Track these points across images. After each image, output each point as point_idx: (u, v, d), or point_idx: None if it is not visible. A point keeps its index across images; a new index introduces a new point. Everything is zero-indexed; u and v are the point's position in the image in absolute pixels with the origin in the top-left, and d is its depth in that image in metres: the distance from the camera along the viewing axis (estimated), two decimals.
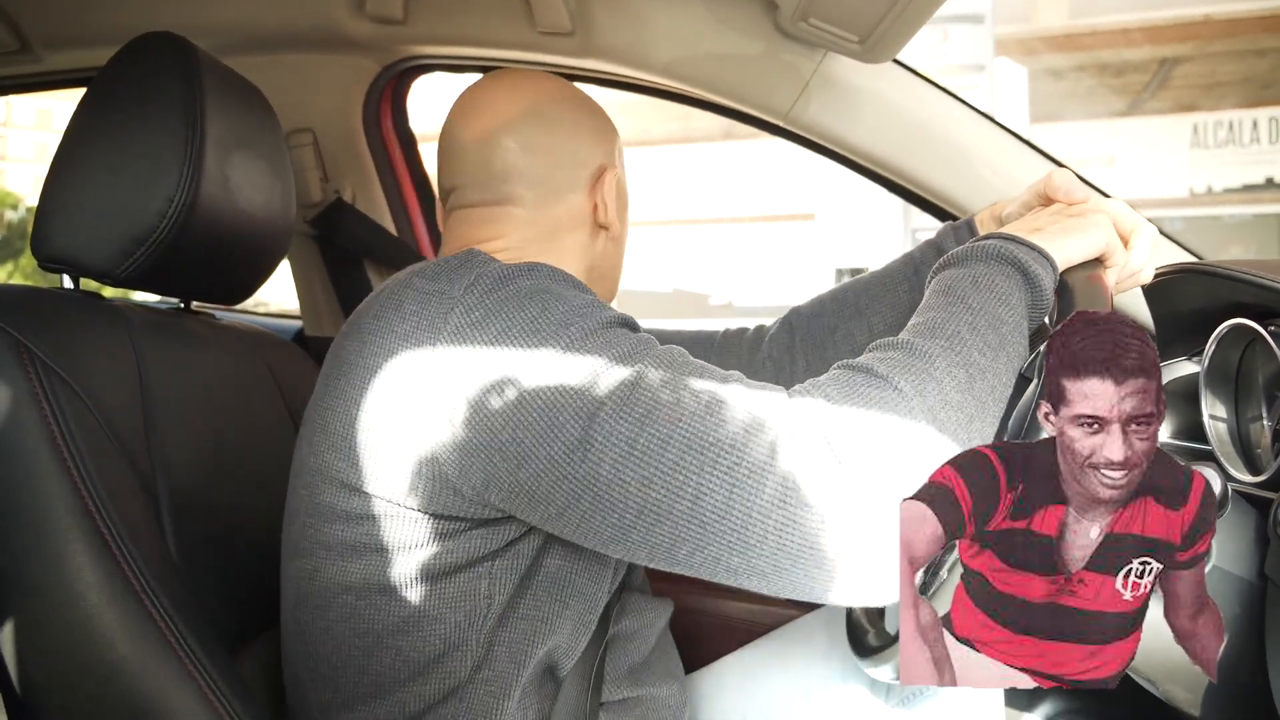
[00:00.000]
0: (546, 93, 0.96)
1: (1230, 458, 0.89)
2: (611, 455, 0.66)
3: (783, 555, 0.64)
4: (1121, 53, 9.01)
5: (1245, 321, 0.85)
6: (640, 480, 0.65)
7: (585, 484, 0.67)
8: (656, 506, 0.65)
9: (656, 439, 0.65)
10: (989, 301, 0.72)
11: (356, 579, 0.78)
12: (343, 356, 0.79)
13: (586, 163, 0.96)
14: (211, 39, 1.33)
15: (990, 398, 0.69)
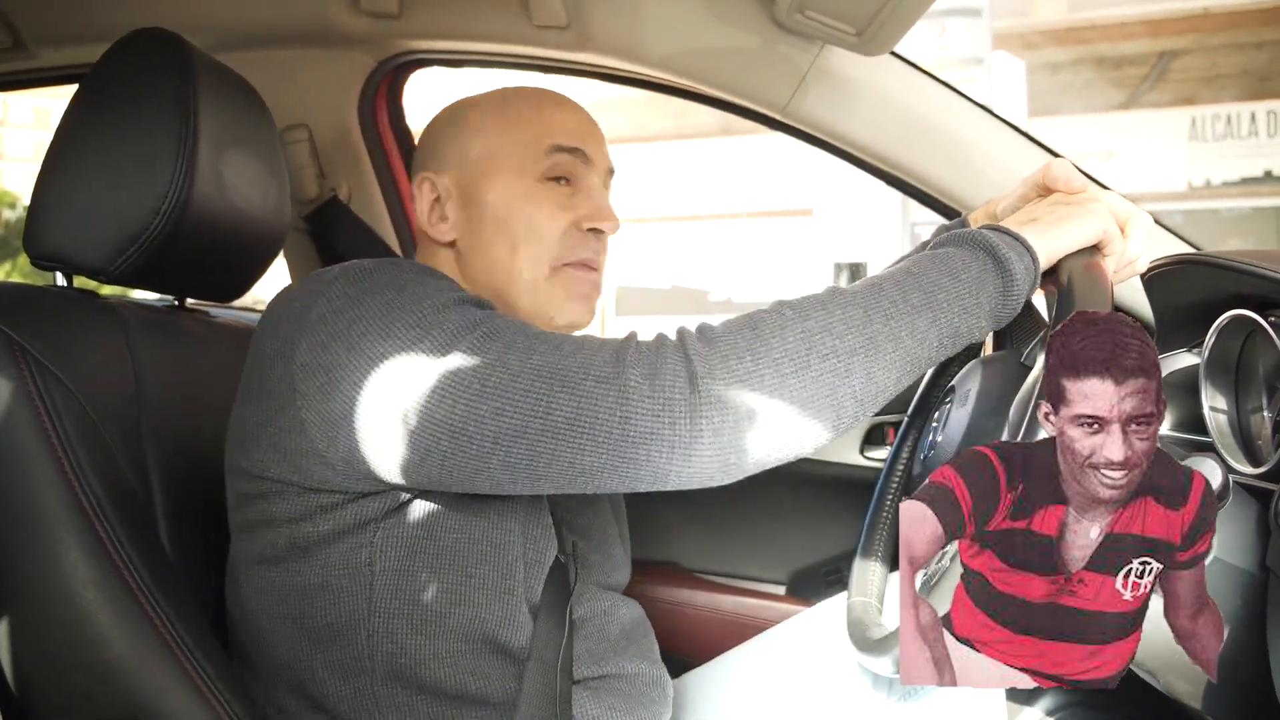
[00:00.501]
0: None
1: (1231, 449, 0.89)
2: (466, 396, 0.71)
3: (628, 445, 0.69)
4: (1119, 46, 9.00)
5: (1245, 313, 0.84)
6: (494, 411, 0.71)
7: (443, 426, 0.72)
8: (511, 430, 0.70)
9: (507, 375, 0.71)
10: (934, 270, 0.74)
11: (253, 554, 0.84)
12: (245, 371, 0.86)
13: (419, 171, 0.99)
14: (207, 35, 1.32)
15: (890, 345, 0.71)
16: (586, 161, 0.97)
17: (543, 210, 0.94)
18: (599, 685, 0.90)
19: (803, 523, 1.53)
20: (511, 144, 0.95)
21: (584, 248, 0.96)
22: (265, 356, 0.81)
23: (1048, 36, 9.12)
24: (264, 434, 0.80)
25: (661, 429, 0.68)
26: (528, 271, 0.94)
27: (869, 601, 0.96)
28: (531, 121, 0.96)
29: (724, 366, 0.69)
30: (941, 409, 0.89)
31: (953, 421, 0.85)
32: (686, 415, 0.68)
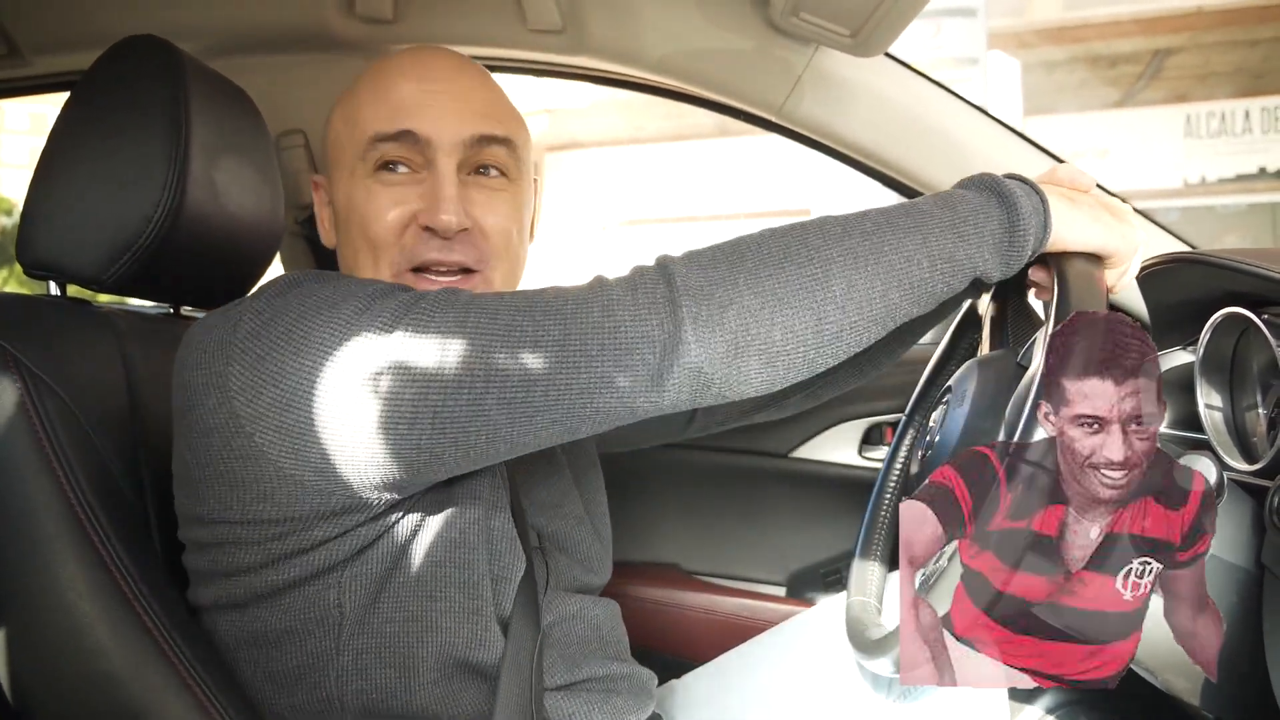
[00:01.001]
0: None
1: (1226, 446, 0.89)
2: (449, 342, 0.68)
3: (620, 352, 0.67)
4: (1114, 44, 9.01)
5: (1239, 310, 0.85)
6: (481, 349, 0.68)
7: (431, 380, 0.68)
8: (502, 364, 0.68)
9: (485, 314, 0.69)
10: (927, 202, 0.74)
11: (210, 599, 0.80)
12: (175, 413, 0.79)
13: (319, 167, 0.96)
14: (202, 41, 1.32)
15: (872, 256, 0.70)
16: (420, 142, 0.85)
17: (372, 207, 0.85)
18: (574, 690, 0.90)
19: (801, 523, 1.53)
20: (346, 134, 0.88)
21: (424, 248, 0.85)
22: (194, 391, 0.74)
23: (1043, 35, 9.13)
24: (214, 474, 0.74)
25: (649, 330, 0.67)
26: (384, 278, 0.85)
27: (868, 601, 0.96)
28: (365, 105, 0.87)
29: (700, 271, 0.69)
30: (939, 409, 0.90)
31: (950, 421, 0.85)
32: (669, 310, 0.67)
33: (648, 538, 1.54)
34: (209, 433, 0.73)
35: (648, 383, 0.68)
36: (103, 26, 1.32)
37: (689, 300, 0.67)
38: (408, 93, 0.86)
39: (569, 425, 0.71)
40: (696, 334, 0.67)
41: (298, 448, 0.71)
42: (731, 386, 0.69)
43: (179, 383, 0.77)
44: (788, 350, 0.69)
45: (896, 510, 1.01)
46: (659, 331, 0.67)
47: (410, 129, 0.84)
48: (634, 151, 10.81)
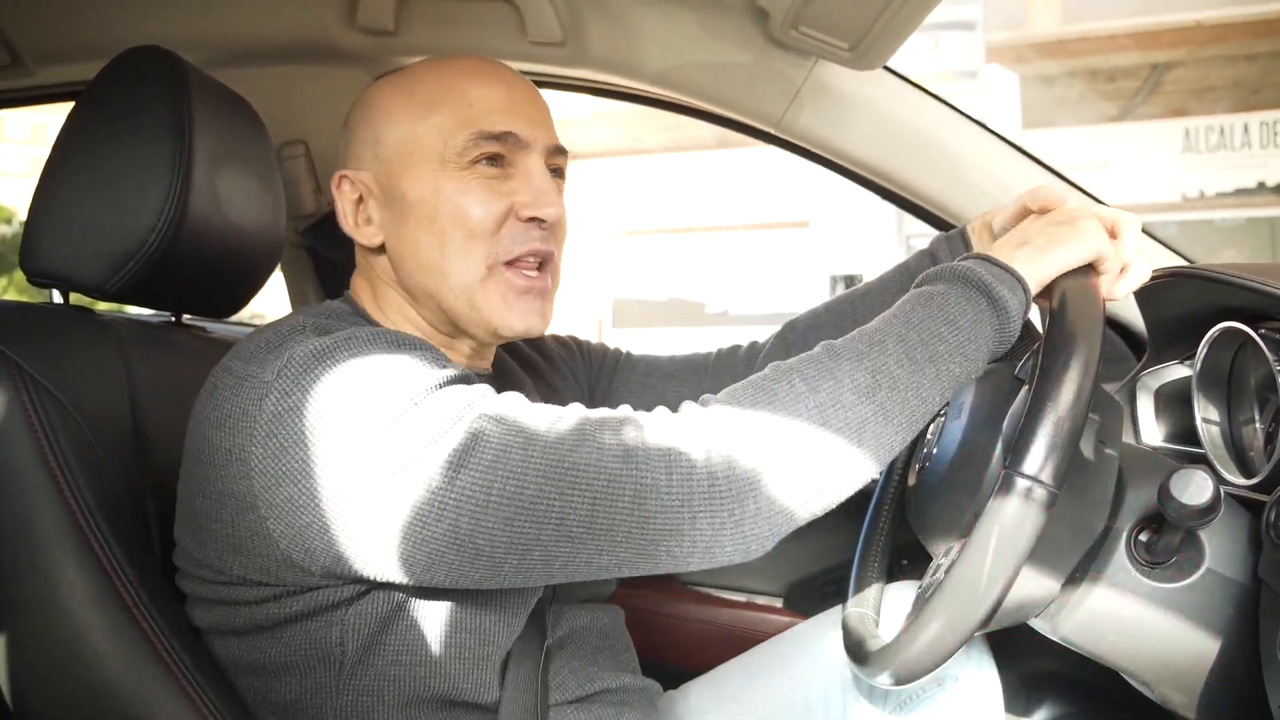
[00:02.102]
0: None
1: (1223, 461, 0.89)
2: (470, 508, 0.66)
3: (647, 543, 0.67)
4: (1112, 58, 9.04)
5: (1237, 325, 0.85)
6: (504, 520, 0.67)
7: (447, 541, 0.67)
8: (524, 538, 0.67)
9: (512, 480, 0.67)
10: (932, 319, 0.74)
11: (208, 623, 0.80)
12: (189, 442, 0.78)
13: (338, 169, 0.91)
14: (204, 52, 1.33)
15: (899, 409, 0.72)
16: (520, 144, 0.86)
17: (472, 198, 0.84)
18: (587, 704, 0.90)
19: (799, 535, 1.52)
20: (427, 131, 0.85)
21: (524, 238, 0.85)
22: (215, 451, 0.73)
23: (1041, 49, 9.15)
24: (222, 534, 0.74)
25: (682, 525, 0.67)
26: (460, 272, 0.84)
27: (866, 613, 0.96)
28: (446, 104, 0.85)
29: (743, 453, 0.68)
30: (936, 421, 0.90)
31: (947, 434, 0.85)
32: (707, 509, 0.67)
33: None
34: (225, 496, 0.73)
35: (672, 566, 0.70)
36: (106, 37, 1.33)
37: (731, 503, 0.67)
38: (503, 96, 0.87)
39: (583, 580, 0.73)
40: (736, 535, 0.68)
41: (308, 547, 0.71)
42: (757, 554, 0.71)
43: (199, 431, 0.75)
44: (817, 509, 0.72)
45: (894, 522, 1.02)
46: (693, 530, 0.67)
47: (513, 131, 0.86)
48: (634, 163, 10.83)
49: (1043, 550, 0.72)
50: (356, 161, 0.90)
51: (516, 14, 1.30)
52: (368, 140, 0.89)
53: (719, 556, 0.69)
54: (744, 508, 0.68)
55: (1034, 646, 0.95)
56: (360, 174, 0.89)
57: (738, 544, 0.69)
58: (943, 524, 0.82)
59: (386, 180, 0.87)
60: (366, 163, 0.89)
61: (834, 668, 1.00)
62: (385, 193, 0.87)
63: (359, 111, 0.92)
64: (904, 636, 0.72)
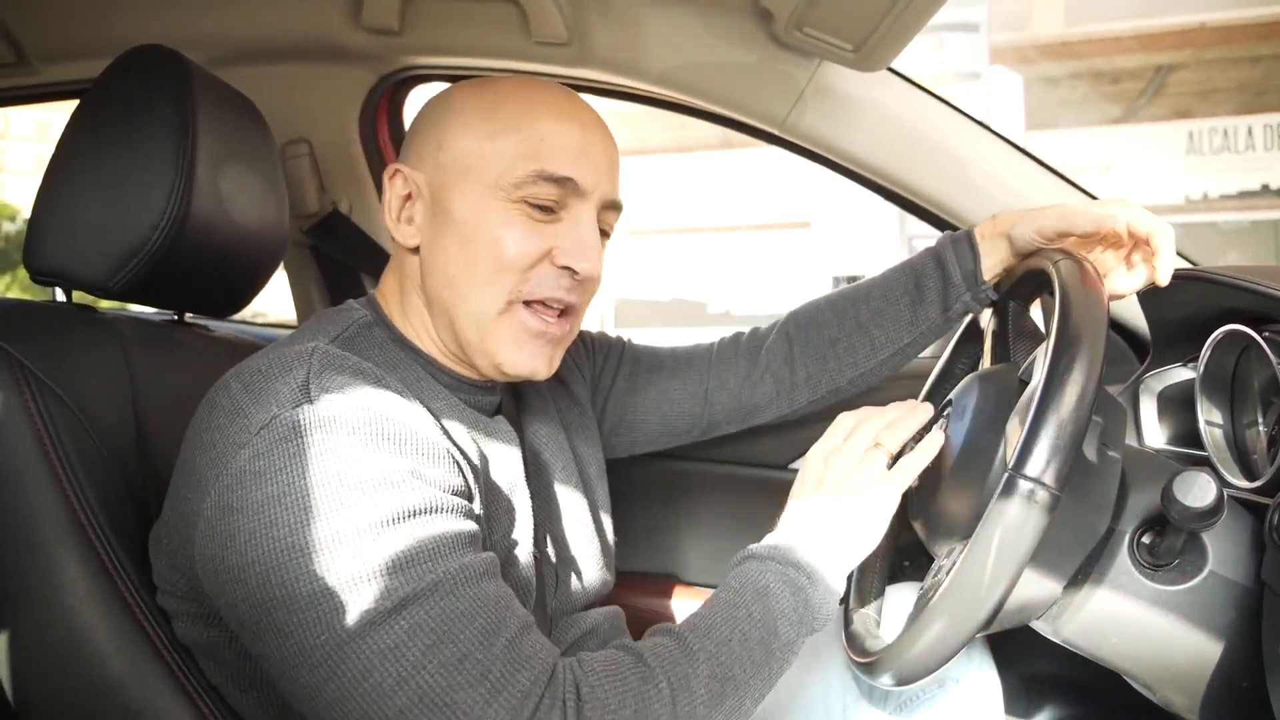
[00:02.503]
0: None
1: (1226, 463, 0.89)
2: (343, 681, 0.64)
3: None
4: (1116, 60, 9.04)
5: (1240, 327, 0.85)
6: (361, 715, 0.64)
7: (308, 692, 0.65)
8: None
9: (391, 677, 0.63)
10: (769, 616, 0.78)
11: (189, 640, 0.79)
12: (179, 459, 0.78)
13: (396, 161, 0.89)
14: (208, 51, 1.33)
15: (738, 710, 0.74)
16: (577, 191, 0.84)
17: (513, 231, 0.82)
18: None
19: None
20: (491, 153, 0.83)
21: (553, 284, 0.84)
22: (193, 472, 0.72)
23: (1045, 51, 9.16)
24: (171, 546, 0.76)
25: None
26: (480, 300, 0.83)
27: (867, 613, 0.96)
28: (520, 132, 0.83)
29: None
30: (940, 422, 0.90)
31: (951, 435, 0.85)
32: None
33: (646, 548, 1.54)
34: (182, 515, 0.73)
35: None
36: (111, 36, 1.33)
37: None
38: (574, 138, 0.84)
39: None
40: None
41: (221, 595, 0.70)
42: None
43: (191, 441, 0.74)
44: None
45: (896, 523, 1.02)
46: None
47: (574, 178, 0.83)
48: (637, 163, 10.84)
49: (1045, 552, 0.72)
50: (416, 159, 0.87)
51: (521, 14, 1.30)
52: (432, 142, 0.86)
53: None
54: None
55: (1036, 648, 0.95)
56: (416, 173, 0.86)
57: None
58: (945, 525, 0.82)
59: (439, 187, 0.85)
60: (425, 163, 0.86)
61: (834, 668, 1.00)
62: (434, 199, 0.85)
63: (432, 110, 0.88)
64: (905, 637, 0.72)
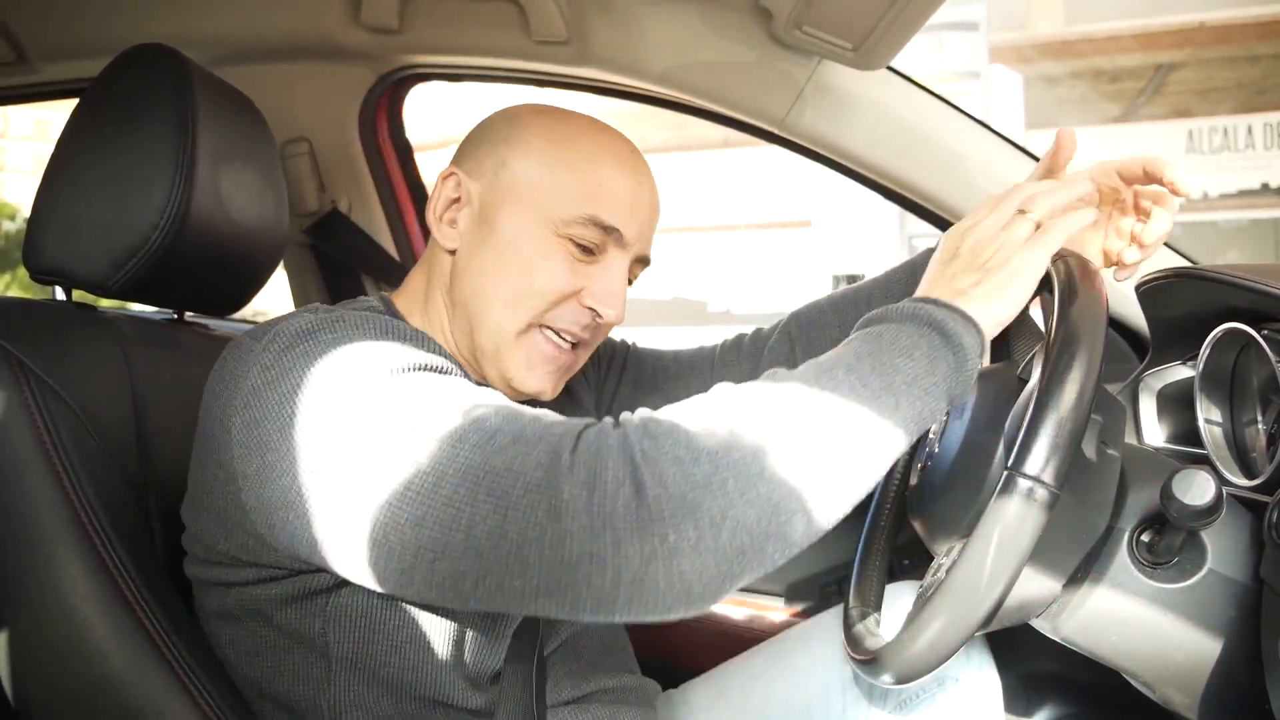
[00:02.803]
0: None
1: (1225, 462, 0.89)
2: (389, 502, 0.63)
3: (563, 569, 0.59)
4: (1116, 59, 9.04)
5: (1239, 326, 0.85)
6: (413, 521, 0.62)
7: (365, 534, 0.65)
8: (432, 543, 0.62)
9: (430, 478, 0.63)
10: (884, 350, 0.69)
11: (210, 608, 0.81)
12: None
13: (452, 163, 0.91)
14: (208, 50, 1.33)
15: (849, 438, 0.64)
16: (620, 242, 0.87)
17: (548, 266, 0.85)
18: (583, 704, 0.90)
19: None
20: (550, 185, 0.85)
21: (574, 319, 0.87)
22: (212, 423, 0.75)
23: (1044, 50, 9.16)
24: (212, 505, 0.75)
25: (603, 550, 0.58)
26: (503, 319, 0.85)
27: (867, 612, 0.96)
28: (582, 173, 0.86)
29: (680, 473, 0.59)
30: (939, 421, 0.90)
31: (949, 434, 0.85)
32: (634, 534, 0.58)
33: None
34: (215, 467, 0.74)
35: (594, 604, 0.60)
36: (110, 35, 1.33)
37: (664, 524, 0.58)
38: (630, 191, 0.87)
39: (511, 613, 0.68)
40: (669, 571, 0.58)
41: (270, 522, 0.70)
42: (697, 607, 0.61)
43: (205, 403, 0.77)
44: (773, 559, 0.62)
45: (896, 522, 1.02)
46: (618, 557, 0.58)
47: (620, 229, 0.86)
48: None
49: (1044, 550, 0.72)
50: (475, 169, 0.89)
51: (521, 12, 1.30)
52: (494, 157, 0.88)
53: (650, 596, 0.59)
54: (681, 535, 0.58)
55: (1035, 647, 0.95)
56: (471, 181, 0.88)
57: (673, 581, 0.58)
58: (945, 523, 0.82)
59: (491, 202, 0.87)
60: (483, 175, 0.88)
61: (834, 667, 1.00)
62: (483, 211, 0.87)
63: (499, 126, 0.90)
64: (904, 636, 0.72)
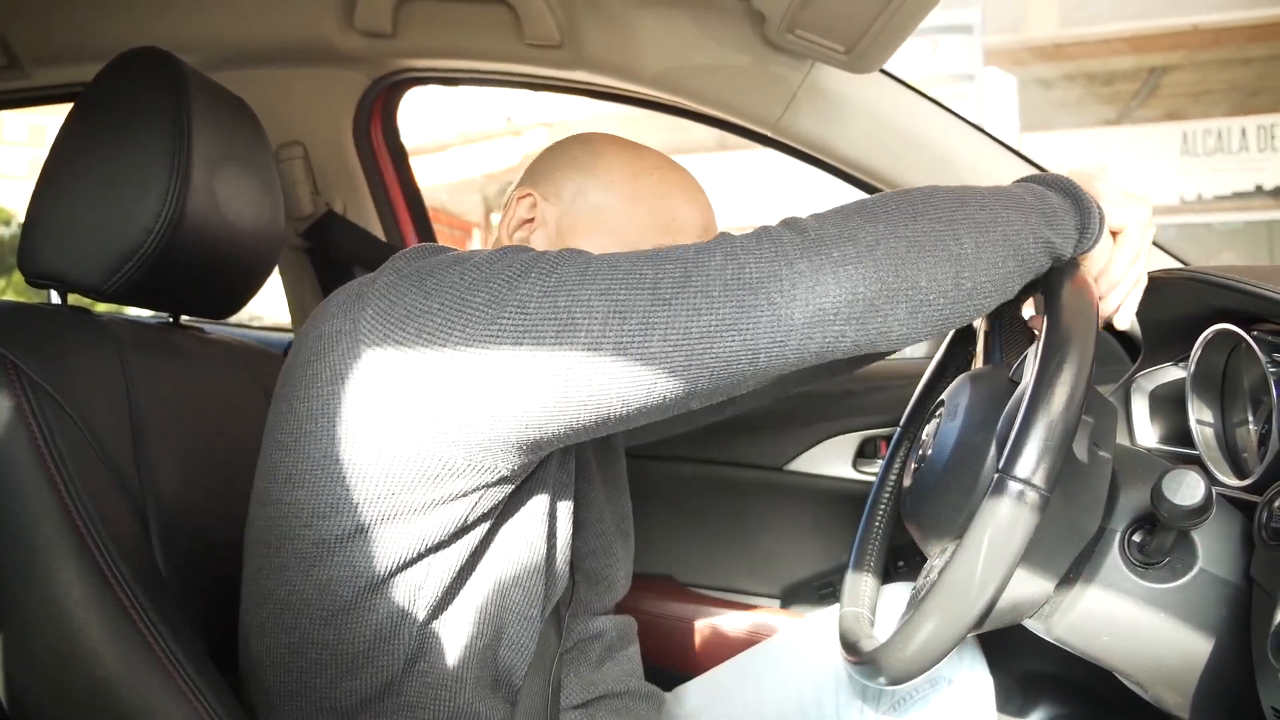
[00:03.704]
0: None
1: (1216, 462, 0.89)
2: (570, 284, 0.68)
3: (745, 291, 0.66)
4: (1110, 62, 9.07)
5: (1230, 327, 0.85)
6: (600, 291, 0.67)
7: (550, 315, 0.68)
8: (620, 304, 0.67)
9: (607, 260, 0.69)
10: (1014, 187, 0.77)
11: (294, 572, 0.78)
12: (285, 372, 0.80)
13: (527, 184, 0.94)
14: (202, 54, 1.34)
15: (989, 224, 0.71)
16: None
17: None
18: (590, 708, 0.90)
19: (795, 536, 1.53)
20: (628, 216, 0.91)
21: None
22: (325, 341, 0.75)
23: (1039, 53, 9.18)
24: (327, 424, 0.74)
25: (779, 269, 0.66)
26: None
27: (861, 613, 0.96)
28: (657, 206, 0.91)
29: (835, 223, 0.69)
30: (932, 422, 0.90)
31: (943, 435, 0.86)
32: (803, 255, 0.66)
33: (642, 549, 1.54)
34: (334, 380, 0.73)
35: (772, 327, 0.66)
36: (104, 38, 1.34)
37: (826, 245, 0.67)
38: (699, 226, 0.93)
39: (689, 378, 0.68)
40: (837, 275, 0.66)
41: (415, 397, 0.70)
42: (868, 336, 0.68)
43: (308, 336, 0.77)
44: (931, 300, 0.69)
45: (889, 523, 1.02)
46: (789, 270, 0.66)
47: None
48: None
49: (1036, 551, 0.73)
50: (554, 193, 0.93)
51: (514, 16, 1.30)
52: (575, 186, 0.92)
53: (825, 298, 0.66)
54: (842, 251, 0.66)
55: (1028, 647, 0.96)
56: (548, 205, 0.92)
57: (843, 285, 0.66)
58: (937, 525, 0.82)
59: (568, 228, 0.91)
60: (561, 200, 0.92)
61: (829, 669, 1.00)
62: (558, 235, 0.91)
63: (578, 154, 0.94)
64: (897, 637, 0.72)
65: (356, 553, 0.75)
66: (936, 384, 1.04)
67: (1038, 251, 0.74)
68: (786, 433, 1.38)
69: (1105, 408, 0.81)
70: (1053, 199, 0.77)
